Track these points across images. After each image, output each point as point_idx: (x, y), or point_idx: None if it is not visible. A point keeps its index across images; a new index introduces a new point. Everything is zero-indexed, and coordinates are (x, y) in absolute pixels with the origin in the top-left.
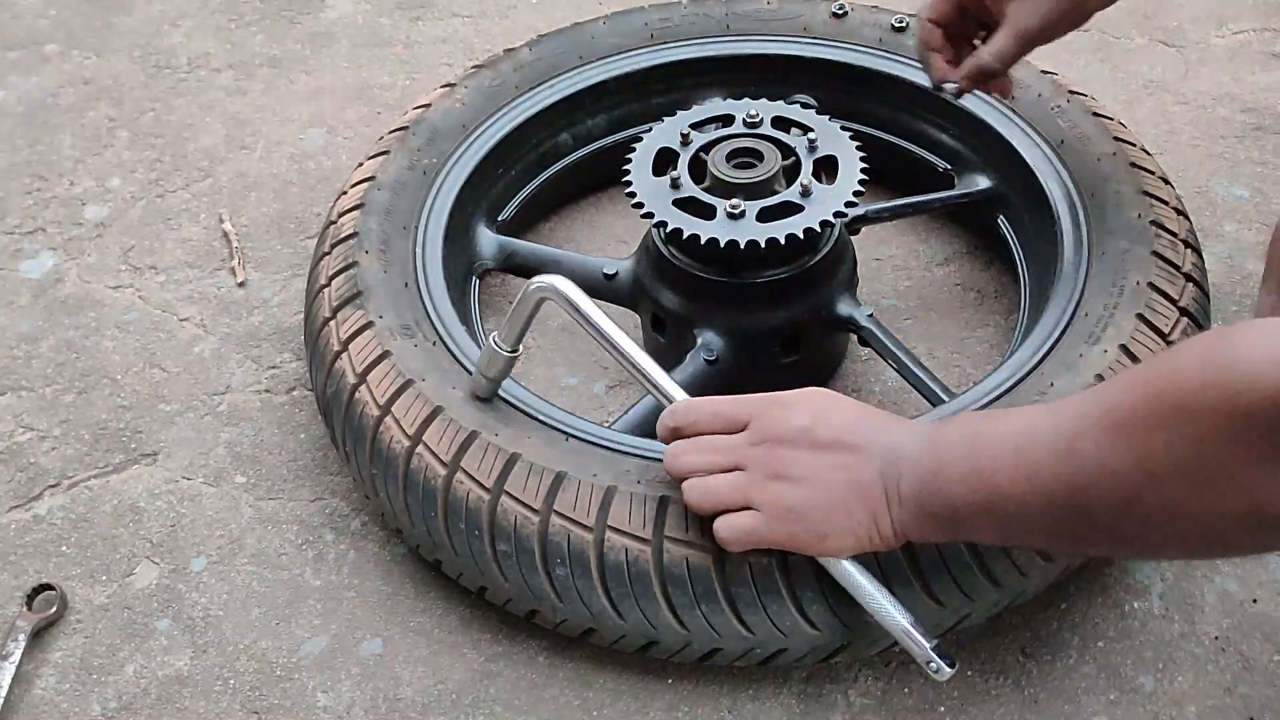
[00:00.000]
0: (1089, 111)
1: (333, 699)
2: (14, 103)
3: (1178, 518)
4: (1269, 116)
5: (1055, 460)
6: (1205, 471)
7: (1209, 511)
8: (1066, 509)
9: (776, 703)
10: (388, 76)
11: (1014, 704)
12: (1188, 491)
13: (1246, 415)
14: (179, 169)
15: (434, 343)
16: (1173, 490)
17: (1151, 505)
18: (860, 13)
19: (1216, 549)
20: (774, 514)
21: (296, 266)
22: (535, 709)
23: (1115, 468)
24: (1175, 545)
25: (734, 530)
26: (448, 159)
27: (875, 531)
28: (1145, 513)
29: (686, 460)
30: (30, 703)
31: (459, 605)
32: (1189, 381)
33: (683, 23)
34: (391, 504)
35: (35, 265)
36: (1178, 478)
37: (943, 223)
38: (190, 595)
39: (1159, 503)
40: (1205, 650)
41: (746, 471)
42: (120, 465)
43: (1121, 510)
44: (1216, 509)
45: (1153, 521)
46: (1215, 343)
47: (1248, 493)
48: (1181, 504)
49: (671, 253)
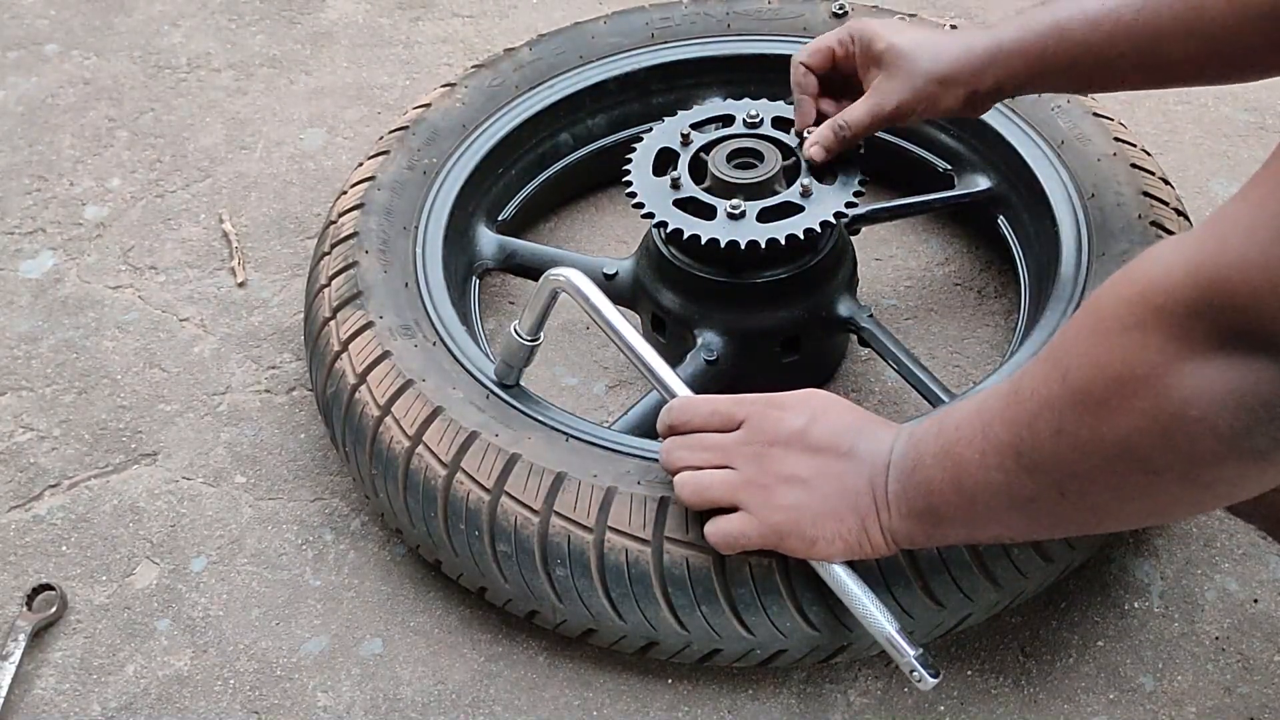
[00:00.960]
0: (1089, 111)
1: (333, 699)
2: (14, 103)
3: (1103, 443)
4: (1270, 115)
5: (1004, 405)
6: (1112, 370)
7: (1121, 419)
8: (1014, 458)
9: (776, 703)
10: (388, 76)
11: (1014, 703)
12: (1100, 398)
13: (1144, 302)
14: (179, 169)
15: (434, 343)
16: (1089, 400)
17: (1076, 427)
18: (860, 13)
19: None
20: (763, 517)
21: (296, 266)
22: (535, 709)
23: (1046, 394)
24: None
25: (723, 534)
26: (448, 159)
27: (865, 539)
28: (1074, 442)
29: (679, 456)
30: (30, 703)
31: (459, 605)
32: (1101, 289)
33: (683, 22)
34: (391, 504)
35: (35, 265)
36: (1090, 384)
37: (943, 223)
38: (190, 595)
39: (1083, 422)
40: (1205, 650)
41: (738, 471)
42: (120, 465)
43: (1054, 444)
44: (1127, 414)
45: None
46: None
47: (1154, 390)
48: (1098, 416)
49: (672, 253)
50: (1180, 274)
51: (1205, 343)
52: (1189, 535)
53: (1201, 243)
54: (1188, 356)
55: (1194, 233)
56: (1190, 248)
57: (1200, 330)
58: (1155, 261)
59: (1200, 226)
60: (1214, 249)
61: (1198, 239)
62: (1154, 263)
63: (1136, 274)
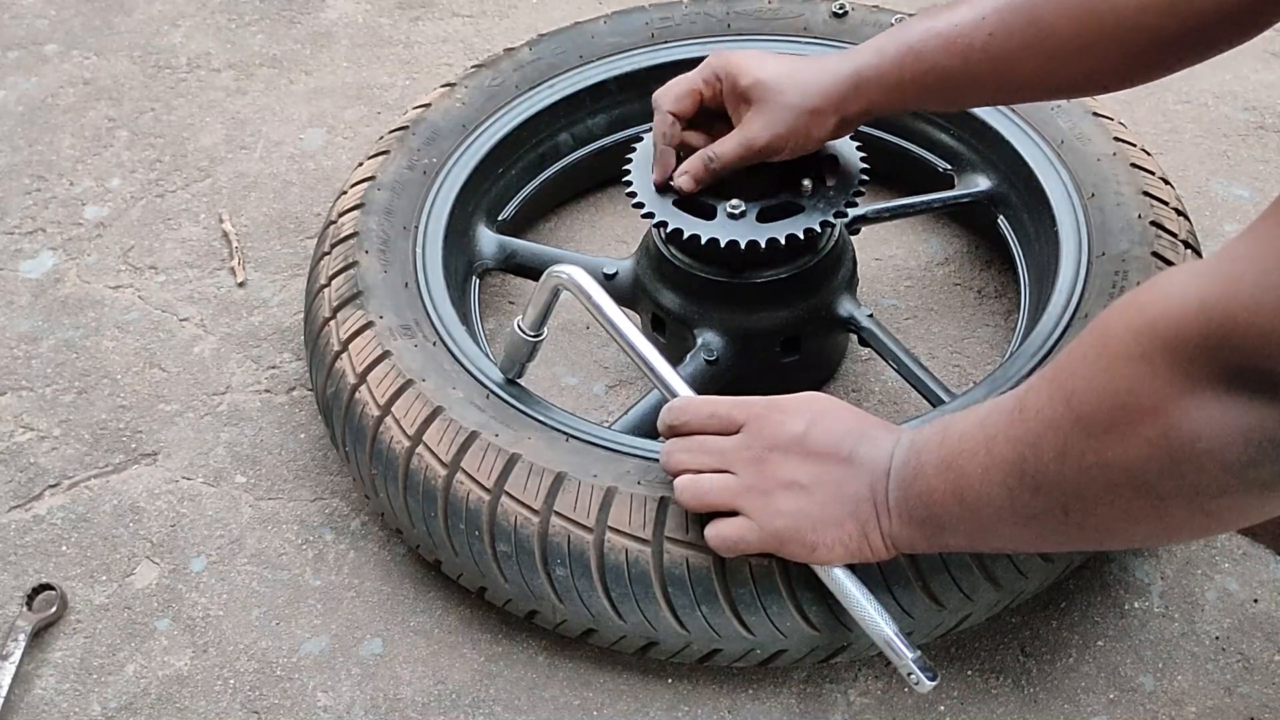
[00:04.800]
0: (1089, 111)
1: (333, 699)
2: (14, 103)
3: (1108, 469)
4: (1270, 115)
5: (1008, 421)
6: (1118, 397)
7: (1127, 447)
8: (1017, 476)
9: (776, 703)
10: (388, 76)
11: (1014, 703)
12: (1106, 424)
13: (1152, 334)
14: (179, 169)
15: (434, 343)
16: (1094, 425)
17: (1081, 451)
18: (860, 13)
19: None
20: (763, 523)
21: (296, 266)
22: (535, 709)
23: (1051, 415)
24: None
25: (722, 539)
26: (448, 159)
27: (865, 544)
28: (1079, 465)
29: (679, 458)
30: (30, 703)
31: (459, 605)
32: (1108, 314)
33: (683, 22)
34: (391, 504)
35: (35, 265)
36: (1096, 410)
37: (943, 223)
38: (190, 595)
39: (1088, 446)
40: (1205, 650)
41: (737, 476)
42: (120, 465)
43: (1059, 466)
44: (1133, 443)
45: (1087, 475)
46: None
47: (1161, 421)
48: (1103, 442)
49: (672, 253)
50: (1192, 310)
51: (1212, 378)
52: None
53: (1212, 279)
54: (1194, 390)
55: (1204, 266)
56: (1202, 284)
57: (1208, 366)
58: (1165, 293)
59: (1211, 260)
60: (1225, 289)
61: (1209, 275)
62: (1164, 294)
63: (1146, 303)
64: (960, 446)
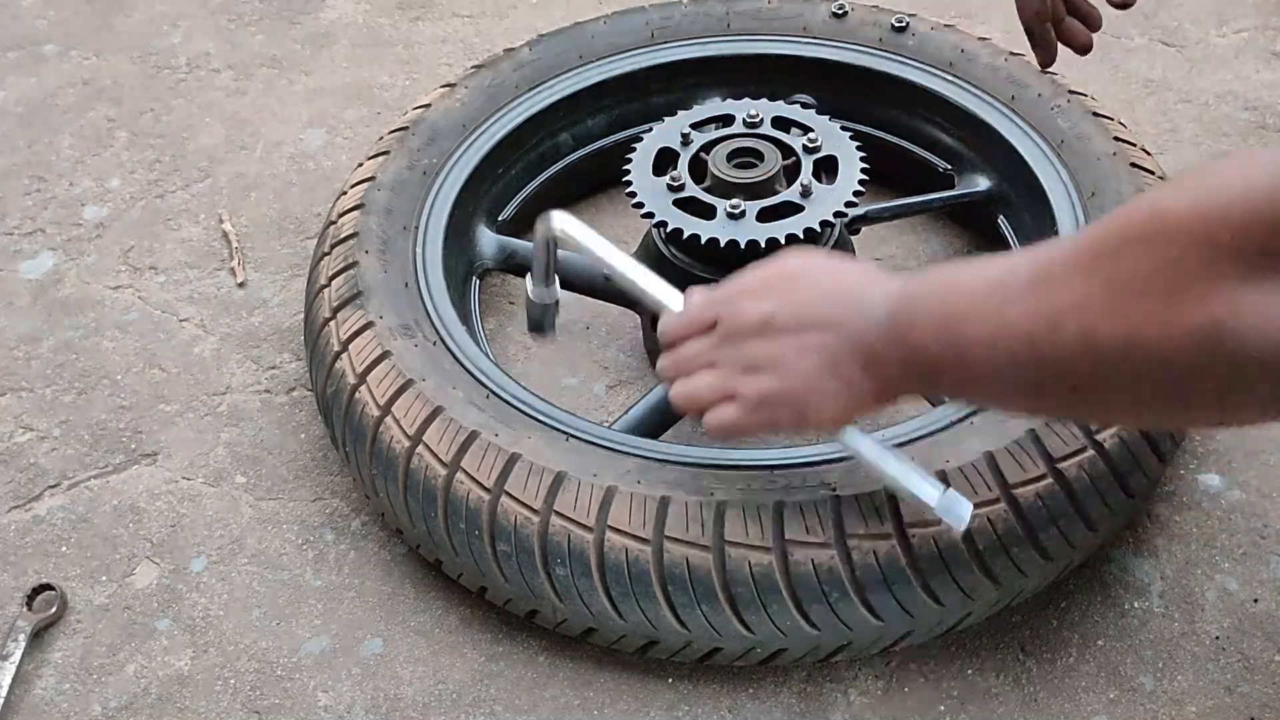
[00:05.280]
0: (1089, 111)
1: (333, 699)
2: (13, 103)
3: (1134, 349)
4: (1271, 114)
5: (1023, 291)
6: (1167, 282)
7: (1166, 335)
8: (1029, 349)
9: (777, 702)
10: (388, 76)
11: (1014, 702)
12: (1147, 309)
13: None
14: (178, 169)
15: (434, 343)
16: (1133, 309)
17: (1110, 335)
18: (860, 13)
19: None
20: (752, 403)
21: (296, 266)
22: (535, 709)
23: (1080, 293)
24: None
25: (718, 425)
26: (448, 159)
27: (854, 399)
28: (1102, 345)
29: (669, 370)
30: (30, 703)
31: (459, 605)
32: (1164, 197)
33: (683, 22)
34: (391, 504)
35: (35, 265)
36: (1140, 293)
37: (943, 223)
38: (190, 595)
39: (1118, 331)
40: (1205, 649)
41: (720, 369)
42: (120, 465)
43: (1079, 345)
44: (1173, 331)
45: (1108, 360)
46: (1198, 168)
47: (1208, 307)
48: (1139, 327)
49: (672, 252)
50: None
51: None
52: (1189, 535)
53: None
54: (1253, 284)
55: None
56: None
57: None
58: (1238, 176)
59: None
60: None
61: None
62: (1237, 177)
63: (1214, 186)
64: (966, 307)
